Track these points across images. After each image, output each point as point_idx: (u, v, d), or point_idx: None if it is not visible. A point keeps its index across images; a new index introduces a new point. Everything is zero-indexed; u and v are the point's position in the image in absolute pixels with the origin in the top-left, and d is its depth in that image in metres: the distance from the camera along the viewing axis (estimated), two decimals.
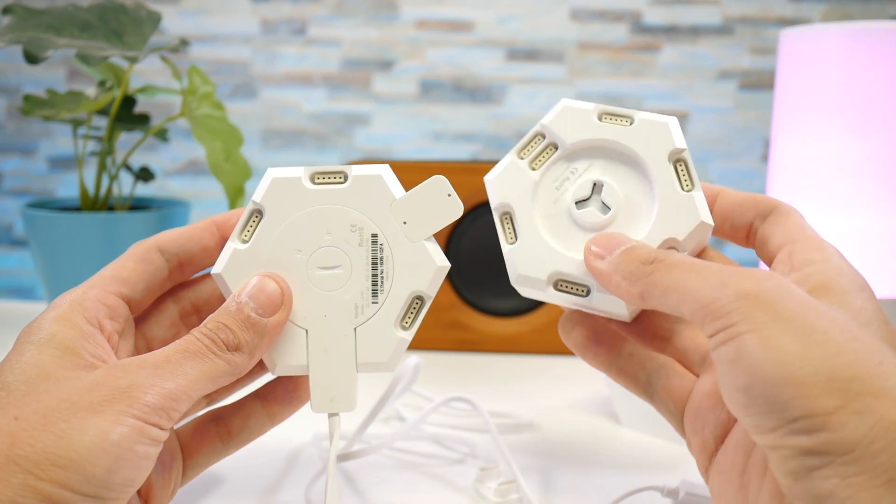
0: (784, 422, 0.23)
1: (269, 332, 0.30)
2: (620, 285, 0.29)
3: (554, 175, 0.32)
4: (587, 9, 1.27)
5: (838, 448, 0.22)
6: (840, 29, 0.55)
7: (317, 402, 0.32)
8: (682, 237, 0.31)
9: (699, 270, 0.26)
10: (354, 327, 0.32)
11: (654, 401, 0.33)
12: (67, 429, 0.25)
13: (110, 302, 0.31)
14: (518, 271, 0.32)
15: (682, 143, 0.31)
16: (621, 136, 0.32)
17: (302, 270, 0.32)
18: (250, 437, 0.34)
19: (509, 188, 0.32)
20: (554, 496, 0.41)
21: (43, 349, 0.28)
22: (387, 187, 0.32)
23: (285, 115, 1.30)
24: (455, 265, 0.65)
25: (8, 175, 1.33)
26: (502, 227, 0.32)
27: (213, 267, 0.32)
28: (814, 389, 0.23)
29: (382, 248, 0.32)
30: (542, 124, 0.32)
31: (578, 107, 0.32)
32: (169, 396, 0.27)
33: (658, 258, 0.28)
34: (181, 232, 0.33)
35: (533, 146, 0.33)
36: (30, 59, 0.52)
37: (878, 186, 0.54)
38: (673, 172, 0.31)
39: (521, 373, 0.60)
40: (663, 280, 0.27)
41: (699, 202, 0.31)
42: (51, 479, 0.25)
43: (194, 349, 0.29)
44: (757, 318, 0.24)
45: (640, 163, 0.32)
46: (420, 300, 0.32)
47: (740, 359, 0.24)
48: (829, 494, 0.22)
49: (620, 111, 0.32)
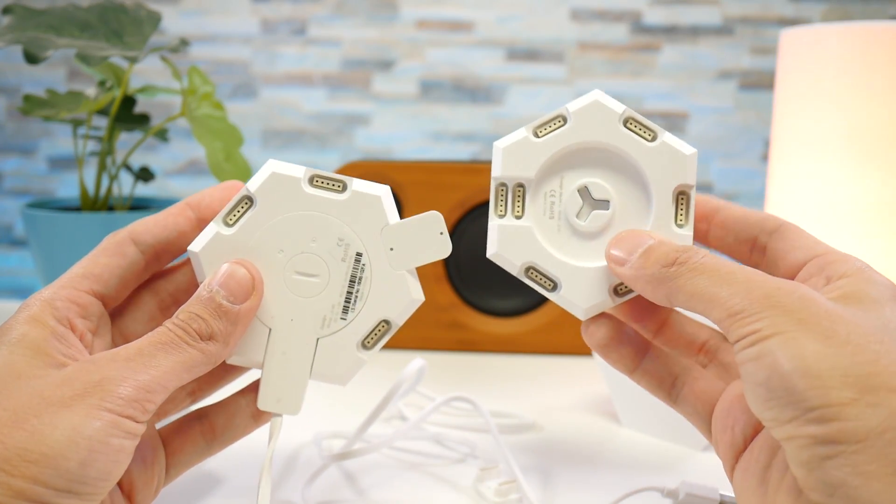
0: (800, 412, 0.24)
1: (241, 318, 0.30)
2: (646, 289, 0.29)
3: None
4: (587, 9, 1.27)
5: (850, 437, 0.23)
6: (840, 29, 0.55)
7: (263, 399, 0.32)
8: (685, 179, 0.31)
9: (724, 277, 0.27)
10: (318, 338, 0.32)
11: (678, 403, 0.33)
12: (39, 424, 0.25)
13: (82, 301, 0.31)
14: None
15: (619, 107, 0.32)
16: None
17: (279, 271, 0.32)
18: (234, 437, 0.34)
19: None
20: (554, 496, 0.41)
21: (14, 349, 0.28)
22: (383, 210, 0.32)
23: (285, 115, 1.30)
24: (455, 265, 0.65)
25: (8, 175, 1.33)
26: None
27: (191, 244, 0.32)
28: (830, 381, 0.23)
29: (364, 268, 0.32)
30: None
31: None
32: (143, 388, 0.27)
33: (679, 260, 0.28)
34: (155, 220, 0.33)
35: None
36: (30, 59, 0.52)
37: (877, 186, 0.54)
38: (631, 134, 0.31)
39: (521, 373, 0.60)
40: (688, 286, 0.28)
41: (672, 142, 0.31)
42: (23, 475, 0.25)
43: (167, 340, 0.29)
44: (782, 324, 0.25)
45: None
46: (387, 324, 0.32)
47: (763, 357, 0.25)
48: (841, 483, 0.23)
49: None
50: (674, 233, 0.31)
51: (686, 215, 0.31)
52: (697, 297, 0.27)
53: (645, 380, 0.33)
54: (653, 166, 0.31)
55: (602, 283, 0.31)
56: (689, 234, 0.31)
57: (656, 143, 0.31)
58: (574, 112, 0.32)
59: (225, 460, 0.43)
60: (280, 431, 0.33)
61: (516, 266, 0.32)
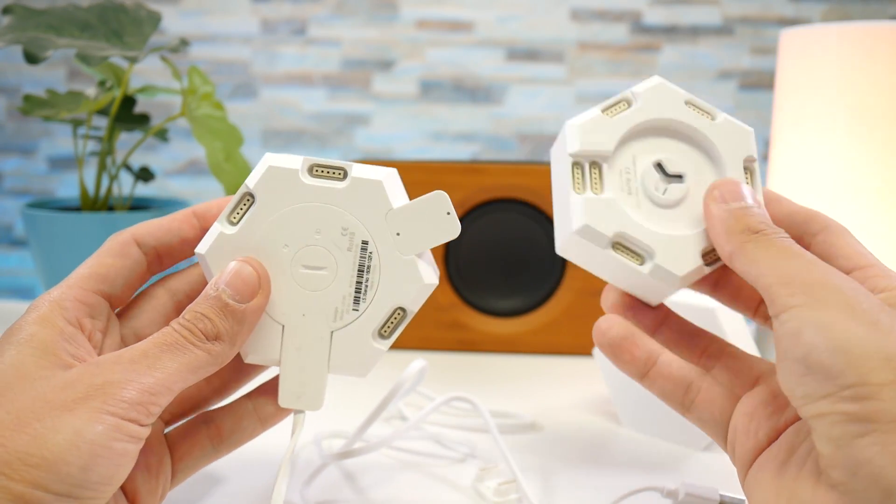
0: (836, 388, 0.24)
1: (248, 318, 0.30)
2: (719, 235, 0.30)
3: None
4: (587, 9, 1.27)
5: (884, 417, 0.23)
6: (840, 29, 0.55)
7: (284, 396, 0.32)
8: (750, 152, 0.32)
9: (790, 256, 0.28)
10: (331, 331, 0.31)
11: (691, 410, 0.33)
12: (41, 428, 0.25)
13: (90, 300, 0.30)
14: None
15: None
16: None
17: (286, 266, 0.31)
18: (241, 441, 0.34)
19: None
20: (554, 496, 0.41)
21: (23, 349, 0.28)
22: (385, 195, 0.31)
23: (285, 115, 1.30)
24: (455, 265, 0.65)
25: (8, 175, 1.33)
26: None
27: (197, 246, 0.31)
28: (870, 362, 0.24)
29: (371, 256, 0.31)
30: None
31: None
32: (147, 391, 0.27)
33: (763, 231, 0.29)
34: (159, 224, 0.33)
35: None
36: (30, 59, 0.52)
37: (878, 186, 0.54)
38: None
39: (521, 373, 0.60)
40: (754, 253, 0.28)
41: (734, 120, 0.33)
42: (23, 479, 0.24)
43: (172, 341, 0.29)
44: (827, 304, 0.25)
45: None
46: (402, 311, 0.32)
47: (803, 331, 0.25)
48: (868, 461, 0.23)
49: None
50: None
51: (754, 185, 0.32)
52: (756, 263, 0.28)
53: (657, 384, 0.33)
54: (721, 140, 0.32)
55: (695, 250, 0.32)
56: (761, 200, 0.32)
57: (719, 121, 0.33)
58: (640, 93, 0.33)
59: (224, 461, 0.43)
60: (302, 428, 0.32)
61: (606, 238, 0.31)
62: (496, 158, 1.28)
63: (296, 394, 0.32)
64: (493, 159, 1.23)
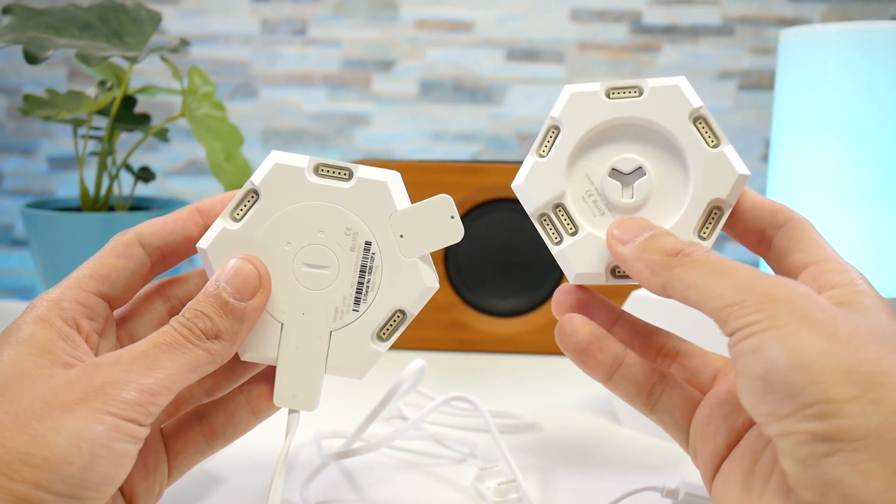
0: (799, 406, 0.23)
1: (248, 316, 0.30)
2: (642, 273, 0.29)
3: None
4: (587, 9, 1.27)
5: (850, 434, 0.22)
6: (840, 29, 0.55)
7: (279, 395, 0.32)
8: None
9: (725, 272, 0.27)
10: (330, 331, 0.31)
11: (654, 412, 0.32)
12: (41, 428, 0.25)
13: (89, 301, 0.30)
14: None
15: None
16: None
17: (288, 264, 0.31)
18: (236, 435, 0.33)
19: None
20: (554, 496, 0.41)
21: (20, 349, 0.28)
22: (390, 196, 0.31)
23: (285, 115, 1.30)
24: (455, 265, 0.65)
25: (8, 175, 1.33)
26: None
27: (199, 241, 0.31)
28: (832, 378, 0.23)
29: (374, 257, 0.31)
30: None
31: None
32: (146, 391, 0.27)
33: (683, 251, 0.28)
34: (163, 223, 0.32)
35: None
36: (30, 59, 0.52)
37: (877, 186, 0.54)
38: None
39: (521, 373, 0.60)
40: (687, 276, 0.27)
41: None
42: (24, 480, 0.24)
43: (171, 341, 0.28)
44: (782, 318, 0.24)
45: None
46: (402, 314, 0.31)
47: (762, 349, 0.24)
48: (838, 481, 0.22)
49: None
50: (713, 154, 0.31)
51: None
52: (695, 286, 0.27)
53: (621, 387, 0.32)
54: (656, 111, 0.31)
55: (604, 257, 0.31)
56: (729, 147, 0.31)
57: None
58: (559, 115, 0.32)
59: (224, 460, 0.43)
60: (297, 428, 0.32)
61: (601, 274, 0.31)
62: (496, 158, 1.28)
63: (291, 393, 0.32)
64: (493, 159, 1.23)
